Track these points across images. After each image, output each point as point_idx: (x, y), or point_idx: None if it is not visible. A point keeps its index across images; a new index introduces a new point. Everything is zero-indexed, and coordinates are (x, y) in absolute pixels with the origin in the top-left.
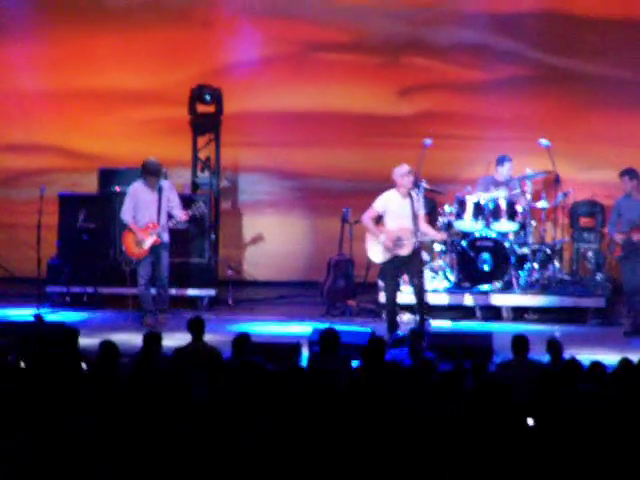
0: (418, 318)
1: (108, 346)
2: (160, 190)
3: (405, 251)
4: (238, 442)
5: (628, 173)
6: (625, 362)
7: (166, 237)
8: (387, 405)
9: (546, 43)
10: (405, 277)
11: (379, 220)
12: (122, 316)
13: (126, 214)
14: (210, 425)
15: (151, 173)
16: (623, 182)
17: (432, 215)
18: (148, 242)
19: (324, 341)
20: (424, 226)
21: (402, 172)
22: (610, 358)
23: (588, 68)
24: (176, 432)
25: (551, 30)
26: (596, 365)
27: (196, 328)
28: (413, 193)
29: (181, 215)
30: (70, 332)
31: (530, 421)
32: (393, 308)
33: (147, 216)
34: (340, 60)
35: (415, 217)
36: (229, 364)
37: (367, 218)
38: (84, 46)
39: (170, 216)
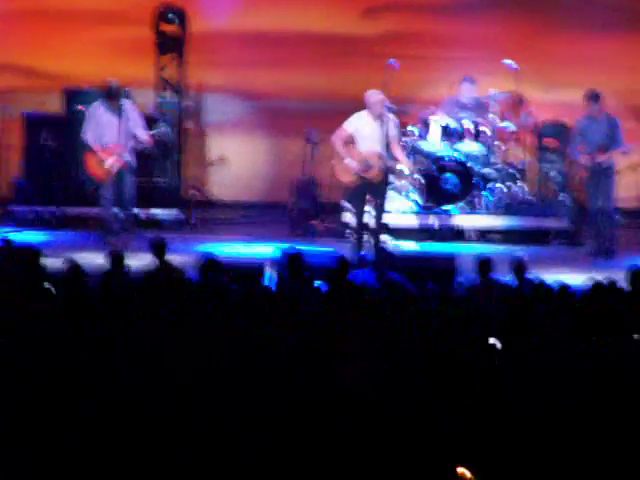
0: (374, 240)
1: (73, 266)
2: (121, 111)
3: (372, 174)
4: (207, 366)
5: (593, 97)
6: (597, 286)
7: (130, 158)
8: (354, 327)
9: None
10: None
11: (350, 141)
12: (86, 236)
13: (87, 135)
14: (177, 348)
15: (111, 95)
16: (588, 105)
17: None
18: (110, 163)
19: (289, 262)
20: (396, 151)
21: (374, 98)
22: (574, 278)
23: None
24: (144, 353)
25: None
26: (562, 288)
27: (158, 249)
28: (388, 116)
29: (144, 136)
30: (32, 252)
31: (494, 341)
32: (360, 229)
33: (108, 137)
34: None
35: (385, 141)
36: (196, 285)
37: (336, 138)
38: None
39: (134, 137)
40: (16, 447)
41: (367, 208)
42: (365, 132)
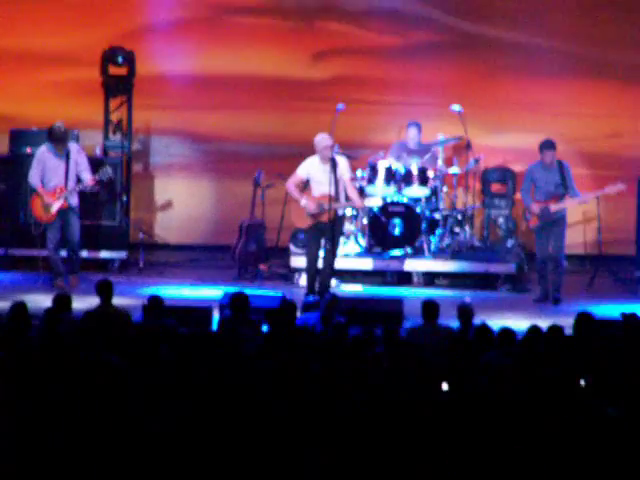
0: (319, 283)
1: (18, 307)
2: (68, 154)
3: (326, 217)
4: (152, 406)
5: (548, 145)
6: (533, 329)
7: (74, 200)
8: (296, 369)
9: (458, 9)
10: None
11: (305, 187)
12: (33, 278)
13: (34, 178)
14: (119, 389)
15: (57, 139)
16: (545, 155)
17: None
18: (55, 206)
19: (234, 304)
20: (349, 191)
21: (324, 144)
22: (520, 324)
23: (500, 34)
24: (87, 395)
25: None
26: (505, 331)
27: (104, 291)
28: (339, 158)
29: (88, 179)
30: None
31: (444, 386)
32: (314, 273)
33: (54, 180)
34: (254, 24)
35: (337, 184)
36: (140, 326)
37: (291, 184)
38: None
39: (79, 180)
40: None
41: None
42: (317, 177)
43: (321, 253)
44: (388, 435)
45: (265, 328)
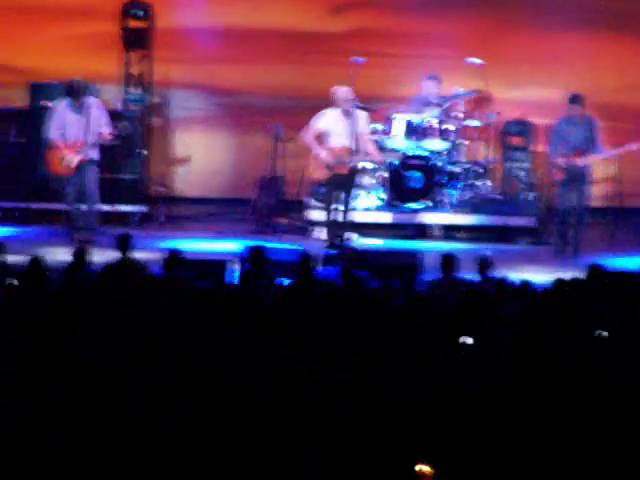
0: (340, 237)
1: (36, 261)
2: (87, 108)
3: (345, 170)
4: (164, 360)
5: (575, 99)
6: (558, 282)
7: (94, 154)
8: (317, 322)
9: None
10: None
11: (320, 138)
12: (52, 232)
13: (51, 132)
14: (136, 341)
15: (75, 93)
16: (570, 107)
17: None
18: (75, 160)
19: (253, 258)
20: (368, 146)
21: (342, 96)
22: (540, 277)
23: None
24: (104, 346)
25: None
26: (524, 284)
27: (124, 244)
28: (358, 112)
29: (105, 133)
30: None
31: (468, 339)
32: (333, 225)
33: (74, 135)
34: None
35: (355, 136)
36: (159, 279)
37: (308, 135)
38: None
39: (98, 134)
40: None
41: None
42: (335, 128)
43: (340, 206)
44: (407, 386)
45: (284, 282)
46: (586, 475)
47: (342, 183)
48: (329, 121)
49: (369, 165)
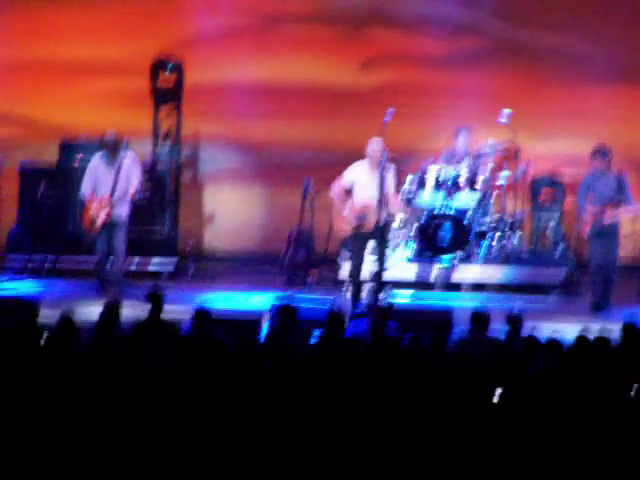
0: (373, 292)
1: (66, 320)
2: (120, 163)
3: (369, 226)
4: (197, 419)
5: (600, 153)
6: (581, 339)
7: (123, 211)
8: (345, 378)
9: (508, 15)
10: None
11: (348, 190)
12: (82, 285)
13: (84, 188)
14: (166, 400)
15: (109, 147)
16: (596, 160)
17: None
18: (101, 216)
19: (282, 313)
20: (392, 201)
21: (375, 147)
22: (570, 331)
23: (550, 41)
24: (134, 407)
25: (513, 2)
26: (552, 342)
27: (155, 299)
28: (387, 167)
29: (132, 189)
30: (30, 306)
31: (495, 396)
32: (358, 281)
33: (102, 190)
34: (302, 32)
35: (383, 191)
36: (187, 338)
37: (335, 188)
38: (46, 17)
39: (129, 189)
40: None
41: (367, 258)
42: (362, 181)
43: (367, 262)
44: (435, 444)
45: (314, 335)
46: None
47: (367, 239)
48: (356, 174)
49: (399, 219)
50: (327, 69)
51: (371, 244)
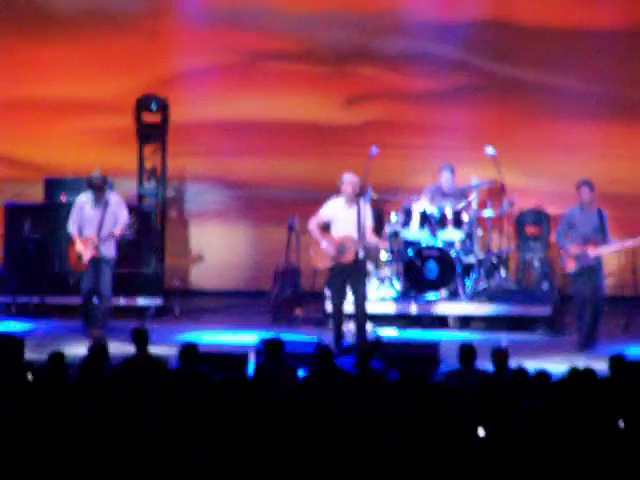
0: (356, 329)
1: (56, 358)
2: (106, 204)
3: (348, 259)
4: (187, 454)
5: (588, 184)
6: (573, 372)
7: (109, 251)
8: (334, 414)
9: (492, 52)
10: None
11: (327, 227)
12: (68, 326)
13: (70, 226)
14: (157, 437)
15: (96, 187)
16: (582, 193)
17: (378, 223)
18: (86, 256)
19: (269, 350)
20: (370, 236)
21: (345, 180)
22: (557, 367)
23: (534, 77)
24: (125, 445)
25: (497, 39)
26: (541, 375)
27: (140, 338)
28: (361, 202)
29: (117, 230)
30: (15, 343)
31: (481, 431)
32: (339, 317)
33: (89, 229)
34: (287, 69)
35: (360, 226)
36: (176, 374)
37: (313, 224)
38: (30, 54)
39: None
40: None
41: (348, 295)
42: (341, 217)
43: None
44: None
45: (301, 373)
46: None
47: (346, 273)
48: (333, 209)
49: (383, 256)
50: (312, 106)
51: (353, 280)
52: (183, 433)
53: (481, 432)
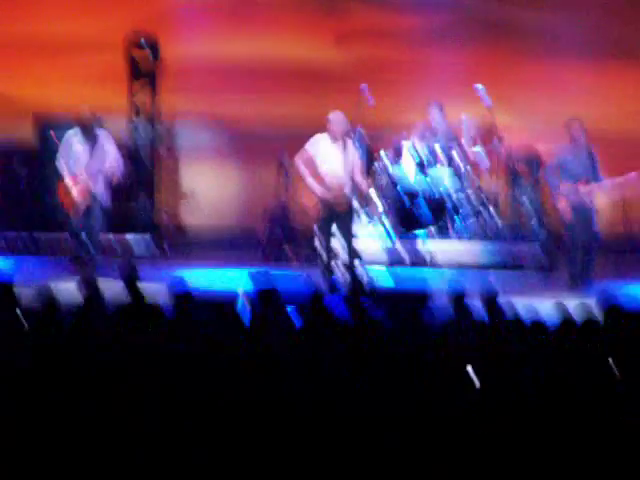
0: (344, 266)
1: (46, 294)
2: (95, 140)
3: (333, 196)
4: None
5: (578, 122)
6: (566, 321)
7: (98, 188)
8: (327, 361)
9: None
10: None
11: (312, 163)
12: (58, 262)
13: (59, 162)
14: (151, 380)
15: (84, 124)
16: (572, 131)
17: (368, 161)
18: (75, 191)
19: (264, 300)
20: (357, 175)
21: (331, 118)
22: (545, 305)
23: (523, 16)
24: (118, 387)
25: None
26: (536, 322)
27: (129, 276)
28: (348, 140)
29: (112, 168)
30: (5, 285)
31: (469, 369)
32: (328, 254)
33: (78, 166)
34: (277, 8)
35: (347, 164)
36: (170, 318)
37: (299, 160)
38: None
39: (105, 167)
40: None
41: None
42: (325, 155)
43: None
44: (415, 425)
45: (289, 309)
46: None
47: (336, 212)
48: (318, 146)
49: (373, 194)
50: (302, 45)
51: (339, 218)
52: (182, 383)
53: (470, 369)
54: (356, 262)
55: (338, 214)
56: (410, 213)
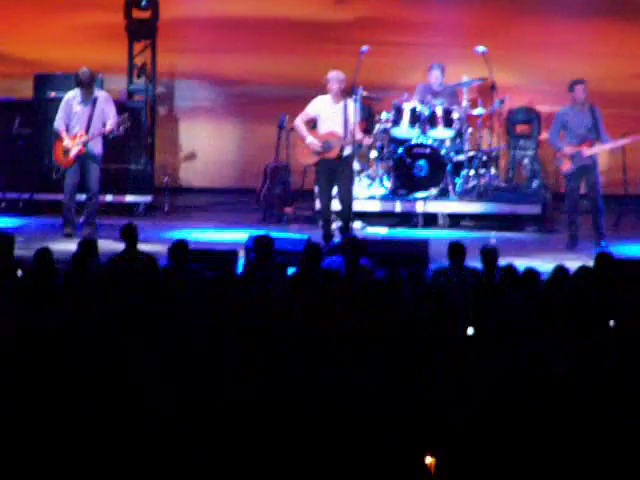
0: (341, 226)
1: (43, 254)
2: (95, 101)
3: (333, 155)
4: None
5: (582, 82)
6: (559, 269)
7: (97, 148)
8: (323, 313)
9: None
10: None
11: (314, 125)
12: (57, 223)
13: (58, 122)
14: (146, 333)
15: (84, 84)
16: (576, 90)
17: (369, 122)
18: (73, 151)
19: (259, 247)
20: (357, 133)
21: (331, 77)
22: (546, 265)
23: None
24: (112, 340)
25: None
26: (530, 272)
27: (129, 235)
28: (349, 100)
29: (106, 128)
30: (5, 239)
31: (470, 330)
32: (327, 215)
33: (78, 126)
34: None
35: (347, 123)
36: (166, 271)
37: (299, 120)
38: None
39: (102, 126)
40: None
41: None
42: (326, 115)
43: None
44: (412, 376)
45: (290, 271)
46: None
47: (332, 170)
48: (319, 107)
49: (373, 154)
50: (302, 4)
51: (339, 178)
52: (175, 331)
53: (470, 330)
54: (357, 222)
55: (338, 173)
56: (411, 173)
